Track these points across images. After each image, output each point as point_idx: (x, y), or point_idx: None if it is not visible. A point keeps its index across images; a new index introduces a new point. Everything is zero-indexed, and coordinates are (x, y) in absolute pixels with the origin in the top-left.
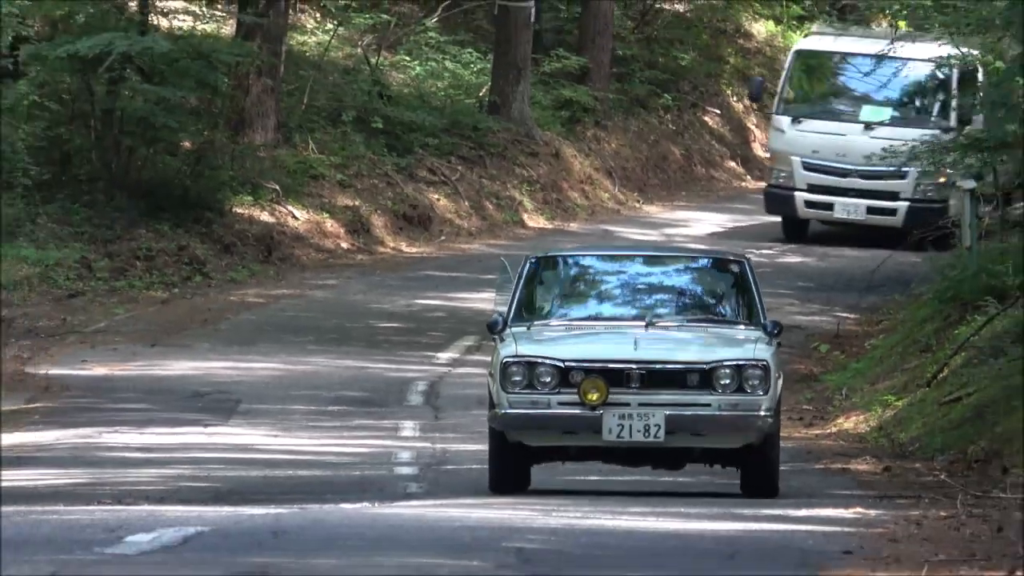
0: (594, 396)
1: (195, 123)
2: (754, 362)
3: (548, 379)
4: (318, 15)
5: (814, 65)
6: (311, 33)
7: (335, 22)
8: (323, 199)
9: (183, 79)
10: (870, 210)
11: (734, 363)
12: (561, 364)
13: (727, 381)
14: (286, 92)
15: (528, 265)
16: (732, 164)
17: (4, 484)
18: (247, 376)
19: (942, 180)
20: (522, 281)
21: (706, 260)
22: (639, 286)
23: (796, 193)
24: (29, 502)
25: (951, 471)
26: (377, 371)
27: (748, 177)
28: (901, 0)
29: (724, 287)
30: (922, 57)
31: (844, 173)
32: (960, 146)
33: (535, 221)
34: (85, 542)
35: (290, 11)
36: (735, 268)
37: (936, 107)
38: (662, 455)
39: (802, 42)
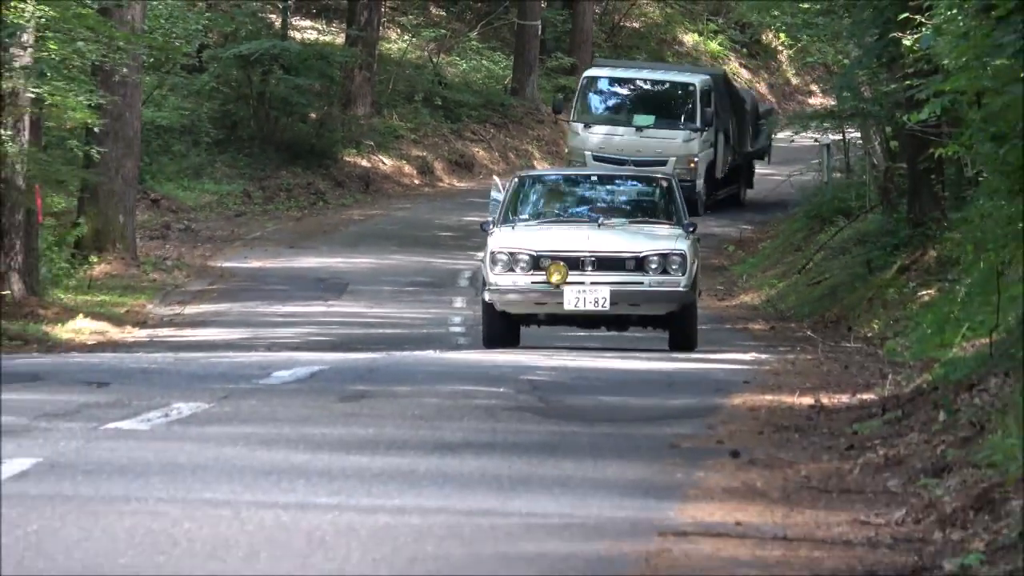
0: (557, 277)
1: (318, 101)
2: (675, 251)
3: (524, 264)
4: (399, 30)
5: (599, 86)
6: (395, 41)
7: (410, 35)
8: (402, 151)
9: (310, 72)
10: None
11: (660, 252)
12: (534, 253)
13: (655, 265)
14: (378, 81)
15: (514, 181)
16: None
17: (195, 338)
18: (353, 268)
19: (692, 165)
20: (509, 193)
21: (642, 178)
22: (593, 197)
23: None
24: (209, 350)
25: (814, 329)
26: (438, 264)
27: None
28: (781, 19)
29: (655, 197)
30: (676, 80)
31: (622, 163)
32: (819, 116)
33: (541, 166)
34: (246, 376)
35: (381, 27)
36: (664, 184)
37: (686, 115)
38: (609, 320)
39: (589, 71)
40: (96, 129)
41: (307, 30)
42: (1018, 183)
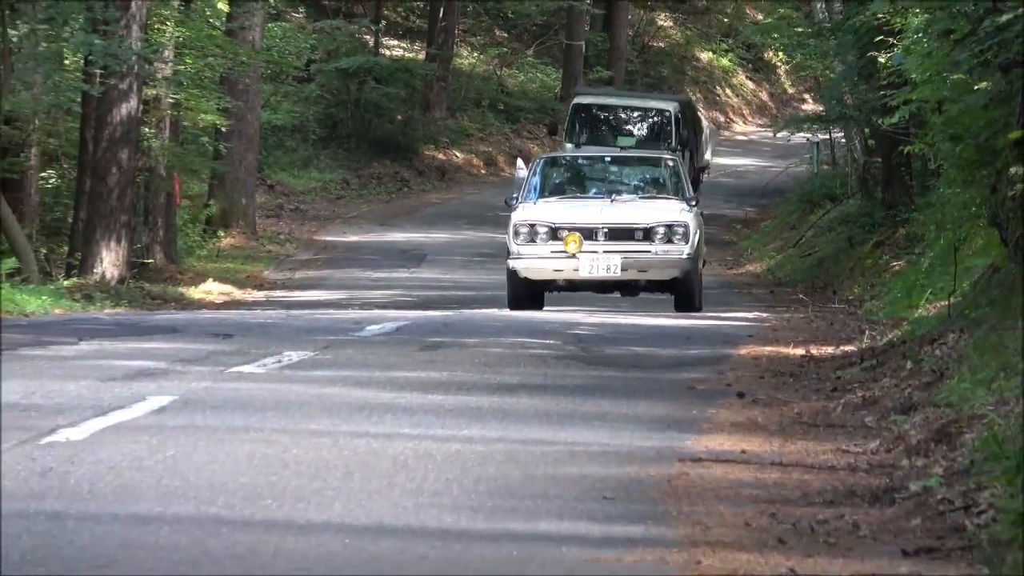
0: (573, 246)
1: (403, 106)
2: (679, 223)
3: (543, 235)
4: (470, 48)
5: (586, 111)
6: (466, 57)
7: (479, 52)
8: (471, 147)
9: (397, 82)
10: None
11: (666, 223)
12: (552, 224)
13: (661, 235)
14: (452, 89)
15: (536, 162)
16: None
17: (303, 298)
18: (431, 241)
19: None
20: (531, 172)
21: (652, 158)
22: (608, 175)
23: None
24: (314, 308)
25: (806, 293)
26: (500, 238)
27: None
28: (780, 40)
29: (663, 175)
30: (654, 106)
31: None
32: (811, 119)
33: None
34: (344, 329)
35: (454, 46)
36: (670, 163)
37: (662, 136)
38: (620, 285)
39: (577, 98)
40: (223, 128)
41: (395, 48)
42: (971, 175)
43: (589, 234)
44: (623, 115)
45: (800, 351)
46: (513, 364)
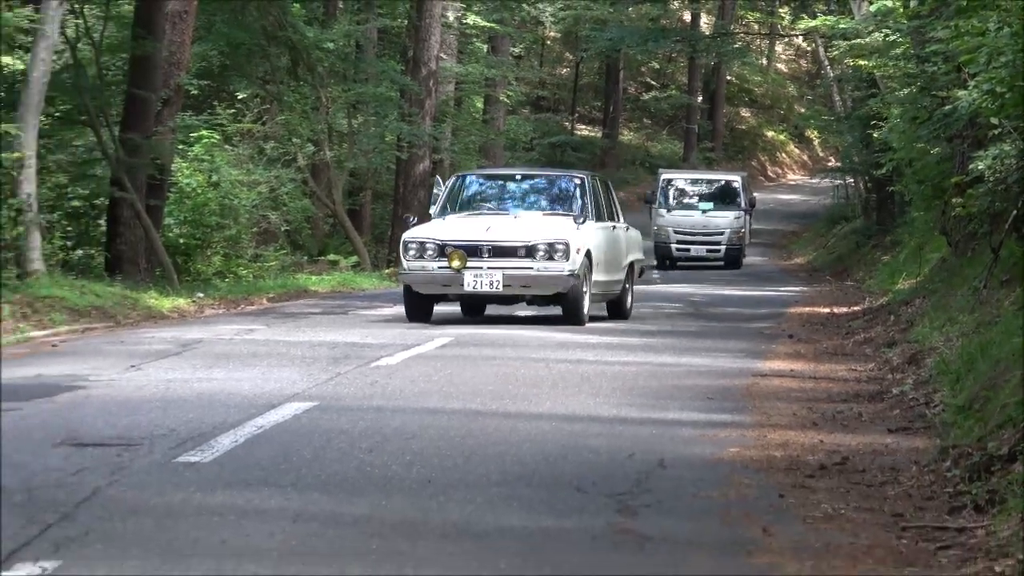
0: (457, 263)
1: (588, 166)
2: (559, 241)
3: (431, 252)
4: (628, 129)
5: (674, 184)
6: (626, 135)
7: (633, 132)
8: (630, 190)
9: (584, 151)
10: (707, 251)
11: (548, 241)
12: (439, 242)
13: (542, 253)
14: (617, 154)
15: (452, 179)
16: (762, 177)
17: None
18: None
19: (740, 235)
20: (446, 189)
21: (559, 176)
22: (517, 192)
23: (671, 245)
24: (458, 325)
25: (831, 276)
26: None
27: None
28: (815, 123)
29: (569, 193)
30: (725, 178)
31: (694, 234)
32: (833, 170)
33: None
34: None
35: (619, 128)
36: (577, 181)
37: (733, 202)
38: (505, 299)
39: (664, 174)
40: None
41: (583, 129)
42: (929, 204)
43: (473, 251)
44: (703, 185)
45: (827, 310)
46: (653, 319)
